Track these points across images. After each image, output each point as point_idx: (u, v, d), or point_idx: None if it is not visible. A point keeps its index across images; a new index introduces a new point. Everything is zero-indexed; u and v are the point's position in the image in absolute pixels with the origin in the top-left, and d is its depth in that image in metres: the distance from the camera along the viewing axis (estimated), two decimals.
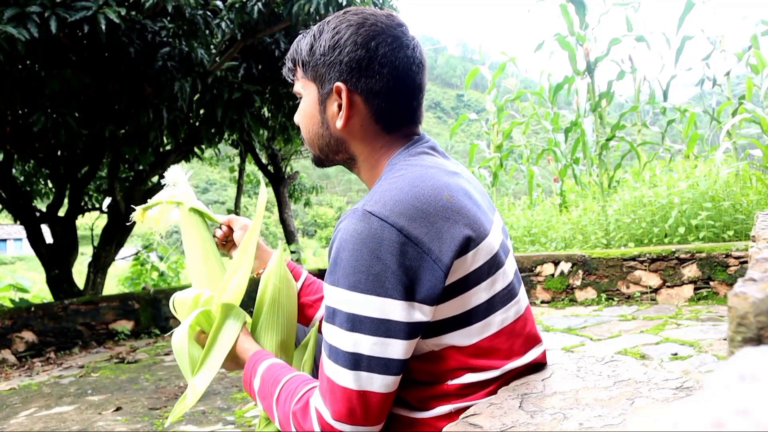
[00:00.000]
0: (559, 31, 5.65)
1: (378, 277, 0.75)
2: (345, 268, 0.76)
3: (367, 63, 0.87)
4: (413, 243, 0.75)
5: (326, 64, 0.88)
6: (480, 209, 0.83)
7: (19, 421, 2.64)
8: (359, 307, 0.75)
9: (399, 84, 0.88)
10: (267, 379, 0.91)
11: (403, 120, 0.92)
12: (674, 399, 0.70)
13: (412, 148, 0.90)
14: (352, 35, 0.87)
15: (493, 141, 6.70)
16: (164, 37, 4.20)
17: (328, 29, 0.89)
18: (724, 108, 5.36)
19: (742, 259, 3.47)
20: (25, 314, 4.21)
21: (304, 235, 35.99)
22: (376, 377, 0.77)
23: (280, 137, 6.31)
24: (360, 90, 0.88)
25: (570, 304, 4.03)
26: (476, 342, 0.82)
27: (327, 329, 0.80)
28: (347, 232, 0.77)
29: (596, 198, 5.26)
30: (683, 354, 2.41)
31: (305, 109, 0.95)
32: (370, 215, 0.76)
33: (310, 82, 0.92)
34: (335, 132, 0.91)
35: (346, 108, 0.88)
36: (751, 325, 0.38)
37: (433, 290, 0.76)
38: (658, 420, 0.20)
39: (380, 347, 0.76)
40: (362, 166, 0.94)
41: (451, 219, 0.78)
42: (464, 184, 0.85)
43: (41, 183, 6.53)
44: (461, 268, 0.78)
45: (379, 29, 0.88)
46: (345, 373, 0.76)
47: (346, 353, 0.76)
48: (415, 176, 0.81)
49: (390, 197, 0.78)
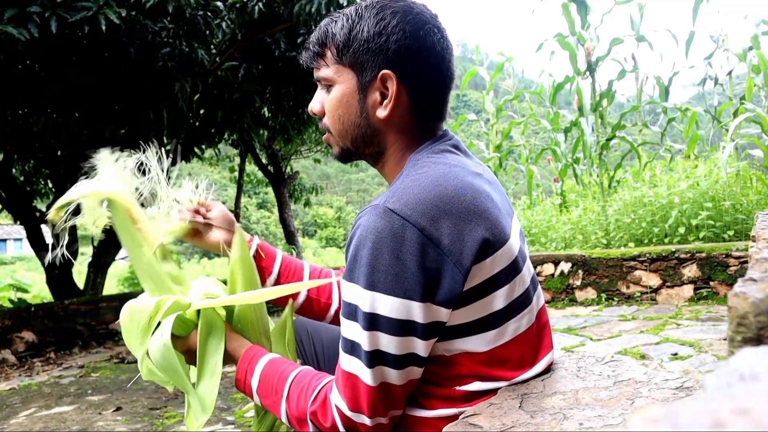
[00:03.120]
0: (560, 31, 5.65)
1: (398, 278, 0.73)
2: (364, 266, 0.75)
3: (416, 53, 0.84)
4: (434, 244, 0.74)
5: (371, 50, 0.84)
6: (501, 213, 0.81)
7: (19, 421, 2.64)
8: (378, 306, 0.75)
9: (440, 75, 0.87)
10: (269, 376, 0.90)
11: (435, 112, 0.90)
12: (674, 399, 0.70)
13: (435, 145, 0.87)
14: (400, 22, 0.84)
15: (492, 141, 6.70)
16: (164, 38, 4.20)
17: (370, 15, 0.85)
18: (725, 108, 5.35)
19: (742, 259, 3.47)
20: (25, 314, 4.21)
21: (304, 235, 35.99)
22: (396, 372, 0.77)
23: (280, 137, 6.31)
24: (407, 80, 0.85)
25: (570, 304, 4.03)
26: (488, 350, 0.81)
27: (346, 326, 0.79)
28: (367, 229, 0.75)
29: (596, 198, 5.26)
30: (683, 354, 2.41)
31: (340, 97, 0.88)
32: (391, 213, 0.75)
33: (347, 69, 0.87)
34: (374, 122, 0.88)
35: (394, 97, 0.85)
36: (751, 325, 0.38)
37: (452, 293, 0.75)
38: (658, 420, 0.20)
39: (399, 345, 0.76)
40: (389, 160, 0.91)
41: (473, 221, 0.76)
42: (486, 187, 0.83)
43: (41, 183, 6.53)
44: (480, 273, 0.77)
45: (425, 19, 0.85)
46: (364, 369, 0.76)
47: (366, 351, 0.76)
48: (439, 175, 0.79)
49: (413, 195, 0.76)
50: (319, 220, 39.46)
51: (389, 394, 0.78)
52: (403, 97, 0.86)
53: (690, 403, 0.21)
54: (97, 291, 5.52)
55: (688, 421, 0.20)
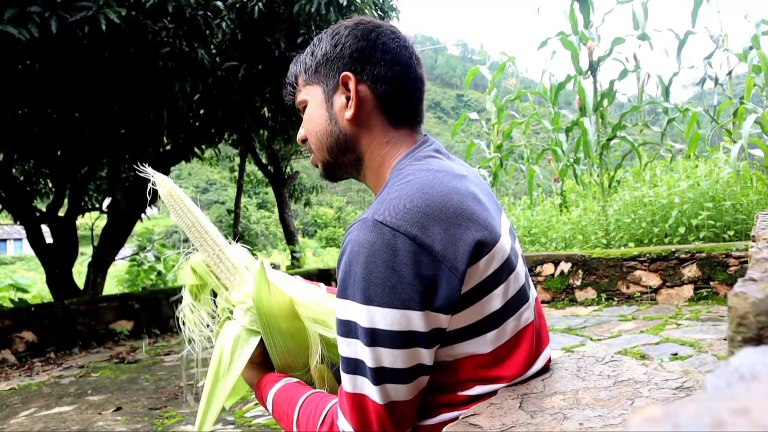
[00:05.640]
0: (562, 30, 5.65)
1: (394, 289, 0.73)
2: (359, 282, 0.74)
3: (370, 51, 0.88)
4: (427, 252, 0.73)
5: (329, 61, 0.90)
6: (489, 213, 0.82)
7: (19, 421, 2.64)
8: (378, 320, 0.74)
9: (402, 71, 0.89)
10: (280, 402, 0.91)
11: (407, 113, 0.91)
12: (674, 399, 0.70)
13: (417, 152, 0.88)
14: (351, 31, 0.89)
15: (493, 141, 6.70)
16: (165, 38, 4.20)
17: (328, 35, 0.92)
18: (724, 107, 5.35)
19: (742, 259, 3.47)
20: (25, 314, 4.21)
21: (304, 235, 35.99)
22: (402, 387, 0.75)
23: (280, 137, 6.31)
24: (366, 77, 0.88)
25: (570, 304, 4.03)
26: (489, 351, 0.81)
27: (345, 345, 0.77)
28: (358, 244, 0.75)
29: (596, 198, 5.26)
30: (683, 354, 2.41)
31: (311, 112, 0.93)
32: (381, 225, 0.74)
33: (314, 85, 0.92)
34: (344, 126, 0.90)
35: (354, 96, 0.88)
36: (751, 325, 0.38)
37: (449, 298, 0.75)
38: (658, 420, 0.20)
39: (403, 358, 0.74)
40: (368, 166, 0.92)
41: (462, 225, 0.76)
42: (472, 188, 0.83)
43: (41, 183, 6.53)
44: (476, 275, 0.77)
45: (376, 24, 0.91)
46: (371, 387, 0.75)
47: (370, 368, 0.74)
48: (424, 182, 0.79)
49: (400, 205, 0.76)
50: (319, 220, 39.48)
51: (398, 412, 0.76)
52: (368, 96, 0.89)
53: (690, 403, 0.21)
54: (97, 291, 5.52)
55: (688, 421, 0.20)
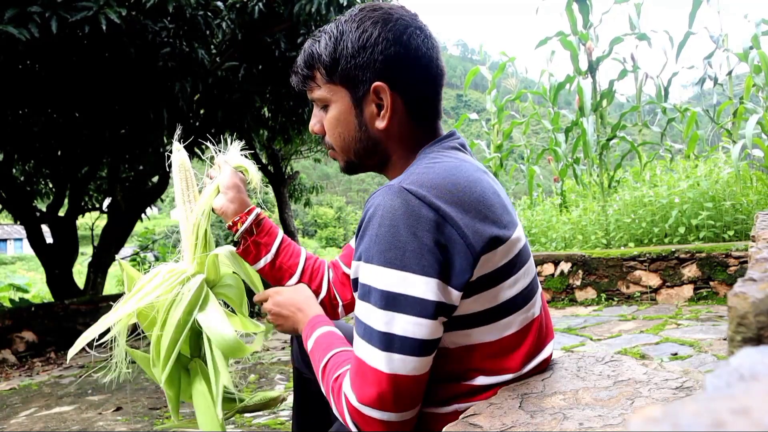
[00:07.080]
0: (561, 30, 5.64)
1: (415, 254, 0.73)
2: (381, 244, 0.75)
3: (403, 59, 0.85)
4: (449, 224, 0.75)
5: (358, 65, 0.85)
6: (505, 209, 0.84)
7: (19, 421, 2.64)
8: (395, 284, 0.74)
9: (430, 73, 0.88)
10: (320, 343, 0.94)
11: (429, 109, 0.90)
12: (674, 399, 0.70)
13: (445, 142, 0.89)
14: (382, 32, 0.85)
15: (493, 141, 6.70)
16: (165, 38, 4.19)
17: (351, 29, 0.86)
18: (724, 108, 5.35)
19: (742, 259, 3.47)
20: (25, 314, 4.21)
21: (304, 235, 36.00)
22: (408, 359, 0.75)
23: (280, 137, 6.30)
24: (399, 87, 0.86)
25: (570, 304, 4.03)
26: (495, 340, 0.81)
27: (361, 307, 0.78)
28: (383, 208, 0.75)
29: (596, 198, 5.26)
30: (683, 354, 2.41)
31: (337, 115, 0.90)
32: (407, 192, 0.75)
33: (339, 87, 0.88)
34: (374, 133, 0.89)
35: (390, 107, 0.86)
36: (751, 325, 0.38)
37: (462, 276, 0.75)
38: (658, 420, 0.20)
39: (413, 327, 0.74)
40: (395, 165, 0.92)
41: (481, 214, 0.78)
42: (492, 183, 0.86)
43: (41, 183, 6.52)
44: (488, 264, 0.78)
45: (406, 22, 0.86)
46: (377, 354, 0.75)
47: (380, 333, 0.75)
48: (451, 166, 0.81)
49: (427, 179, 0.77)
50: (319, 220, 39.49)
51: (401, 387, 0.75)
52: (399, 105, 0.87)
53: (690, 403, 0.21)
54: (97, 291, 5.52)
55: (688, 421, 0.20)
